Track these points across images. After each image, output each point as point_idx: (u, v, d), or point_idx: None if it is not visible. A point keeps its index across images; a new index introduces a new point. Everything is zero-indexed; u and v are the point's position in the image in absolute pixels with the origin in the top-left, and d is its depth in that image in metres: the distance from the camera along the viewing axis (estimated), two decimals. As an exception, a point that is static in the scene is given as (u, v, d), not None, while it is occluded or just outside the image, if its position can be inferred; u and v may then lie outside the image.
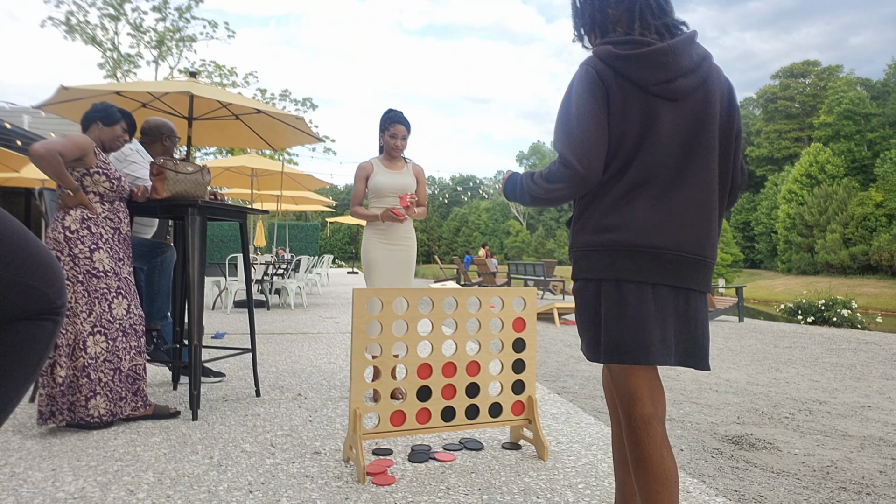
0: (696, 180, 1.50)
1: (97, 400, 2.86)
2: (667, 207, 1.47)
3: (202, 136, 6.04)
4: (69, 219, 2.92)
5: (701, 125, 1.49)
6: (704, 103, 1.50)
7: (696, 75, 1.50)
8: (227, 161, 10.30)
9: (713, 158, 1.51)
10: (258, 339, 5.99)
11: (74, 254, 2.89)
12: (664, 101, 1.48)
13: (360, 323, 2.41)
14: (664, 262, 1.47)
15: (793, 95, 60.06)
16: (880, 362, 5.84)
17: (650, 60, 1.46)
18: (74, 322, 2.87)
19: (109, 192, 3.03)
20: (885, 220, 40.04)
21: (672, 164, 1.48)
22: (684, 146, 1.49)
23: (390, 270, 3.64)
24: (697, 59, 1.50)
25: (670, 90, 1.47)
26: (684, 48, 1.49)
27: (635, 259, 1.47)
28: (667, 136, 1.48)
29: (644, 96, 1.47)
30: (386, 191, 3.65)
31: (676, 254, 1.47)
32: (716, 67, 1.55)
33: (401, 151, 3.73)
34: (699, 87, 1.50)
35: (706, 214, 1.51)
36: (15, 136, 11.59)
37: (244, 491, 2.14)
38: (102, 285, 2.94)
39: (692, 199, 1.49)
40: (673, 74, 1.46)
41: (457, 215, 74.90)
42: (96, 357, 2.89)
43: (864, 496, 2.36)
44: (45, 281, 1.14)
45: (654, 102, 1.47)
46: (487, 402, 2.64)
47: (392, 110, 3.76)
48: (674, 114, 1.48)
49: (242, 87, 26.96)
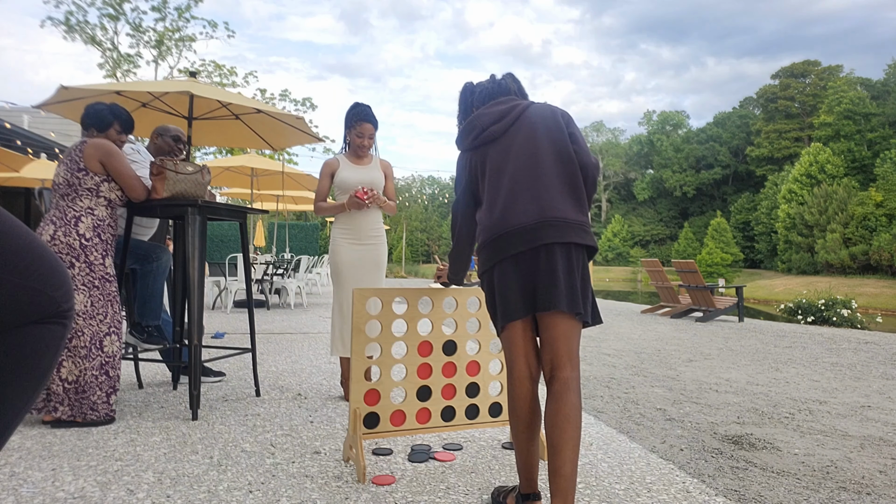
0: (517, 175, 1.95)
1: (116, 396, 3.00)
2: (500, 202, 1.94)
3: (202, 136, 6.03)
4: (83, 226, 2.97)
5: (522, 144, 1.98)
6: (518, 130, 2.01)
7: (503, 121, 2.02)
8: (227, 161, 10.29)
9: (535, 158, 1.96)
10: (258, 339, 5.99)
11: (90, 261, 2.98)
12: (484, 147, 2.03)
13: (361, 323, 2.41)
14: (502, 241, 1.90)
15: (793, 95, 60.02)
16: (880, 362, 5.83)
17: (464, 130, 2.08)
18: (91, 324, 2.96)
19: (119, 199, 3.14)
20: (885, 219, 40.04)
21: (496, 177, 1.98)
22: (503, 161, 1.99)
23: (359, 272, 3.54)
24: (505, 110, 2.03)
25: (487, 137, 2.02)
26: (487, 111, 2.04)
27: (487, 248, 1.93)
28: (493, 162, 2.01)
29: (472, 153, 2.06)
30: (352, 185, 3.53)
31: (507, 230, 1.88)
32: (534, 107, 2.06)
33: (367, 151, 3.59)
34: (511, 125, 2.02)
35: (533, 192, 1.91)
36: (15, 136, 11.59)
37: (244, 491, 2.14)
38: (113, 289, 3.07)
39: (514, 188, 1.93)
40: (480, 129, 2.03)
41: (457, 215, 74.79)
42: (112, 356, 3.01)
43: (864, 496, 2.36)
44: (52, 284, 1.13)
45: (479, 152, 2.04)
46: (487, 402, 2.64)
47: (358, 105, 3.57)
48: (495, 151, 2.01)
49: (242, 87, 26.97)
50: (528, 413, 1.90)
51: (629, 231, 67.81)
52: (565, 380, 1.83)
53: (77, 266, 2.94)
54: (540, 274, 1.85)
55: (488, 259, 1.93)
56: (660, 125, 74.16)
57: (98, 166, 3.01)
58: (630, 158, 74.32)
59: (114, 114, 3.24)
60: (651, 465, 2.53)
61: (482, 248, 1.96)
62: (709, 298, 9.54)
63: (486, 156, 2.03)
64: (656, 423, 3.40)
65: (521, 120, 2.03)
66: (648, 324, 8.97)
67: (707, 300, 9.56)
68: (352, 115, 3.56)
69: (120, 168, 3.04)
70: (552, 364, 1.86)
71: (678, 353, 6.08)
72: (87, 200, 3.01)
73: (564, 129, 2.02)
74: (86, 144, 3.03)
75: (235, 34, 27.63)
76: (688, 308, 10.08)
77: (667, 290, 10.62)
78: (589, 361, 5.44)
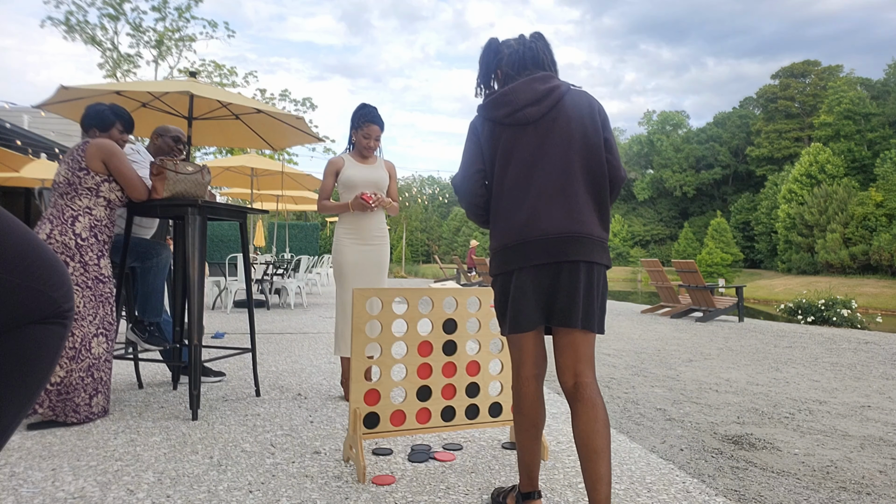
0: (548, 178, 1.83)
1: (98, 398, 2.98)
2: (527, 205, 1.83)
3: (202, 136, 6.03)
4: (79, 225, 2.97)
5: (548, 143, 1.85)
6: (553, 121, 1.86)
7: (542, 104, 1.86)
8: (227, 161, 10.29)
9: (568, 160, 1.84)
10: (258, 339, 5.99)
11: (85, 261, 2.97)
12: (516, 128, 1.88)
13: (361, 323, 2.41)
14: (525, 249, 1.81)
15: (793, 95, 60.02)
16: (880, 362, 5.83)
17: (496, 102, 1.90)
18: (81, 325, 2.94)
19: (118, 199, 3.14)
20: (885, 219, 40.04)
21: (526, 173, 1.85)
22: (535, 156, 1.85)
23: (363, 273, 3.54)
24: (544, 91, 1.87)
25: (518, 120, 1.87)
26: (525, 87, 1.87)
27: (507, 253, 1.85)
28: (524, 152, 1.86)
29: (503, 128, 1.89)
30: (358, 184, 3.53)
31: (531, 238, 1.80)
32: (572, 95, 1.90)
33: (373, 152, 3.61)
34: (546, 114, 1.87)
35: (562, 201, 1.82)
36: (15, 136, 11.58)
37: (244, 491, 2.14)
38: (106, 290, 3.05)
39: (543, 192, 1.82)
40: (519, 108, 1.86)
41: (457, 215, 74.84)
42: (99, 357, 2.98)
43: (864, 496, 2.36)
44: (52, 284, 1.13)
45: (510, 130, 1.88)
46: (487, 402, 2.64)
47: (366, 106, 3.58)
48: (524, 137, 1.87)
49: (242, 87, 26.97)
50: (534, 411, 1.90)
51: (629, 231, 67.82)
52: (589, 385, 1.83)
53: (71, 265, 2.93)
54: (560, 291, 1.80)
55: (505, 263, 1.86)
56: (660, 125, 74.17)
57: (100, 166, 3.02)
58: (630, 158, 74.31)
59: (115, 114, 3.25)
60: (651, 465, 2.53)
61: (501, 250, 1.88)
62: (709, 298, 9.54)
63: (515, 140, 1.88)
64: (656, 423, 3.40)
65: (559, 109, 1.88)
66: (648, 324, 8.97)
67: (707, 300, 9.56)
68: (359, 115, 3.56)
69: (122, 168, 3.05)
70: (574, 370, 1.86)
71: (678, 353, 6.08)
72: (86, 200, 3.01)
73: (601, 132, 1.90)
74: (88, 144, 3.03)
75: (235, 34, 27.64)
76: (688, 308, 10.08)
77: (667, 290, 10.62)
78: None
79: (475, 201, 1.97)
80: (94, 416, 2.96)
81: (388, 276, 3.76)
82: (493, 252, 1.93)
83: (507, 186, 1.87)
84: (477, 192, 1.96)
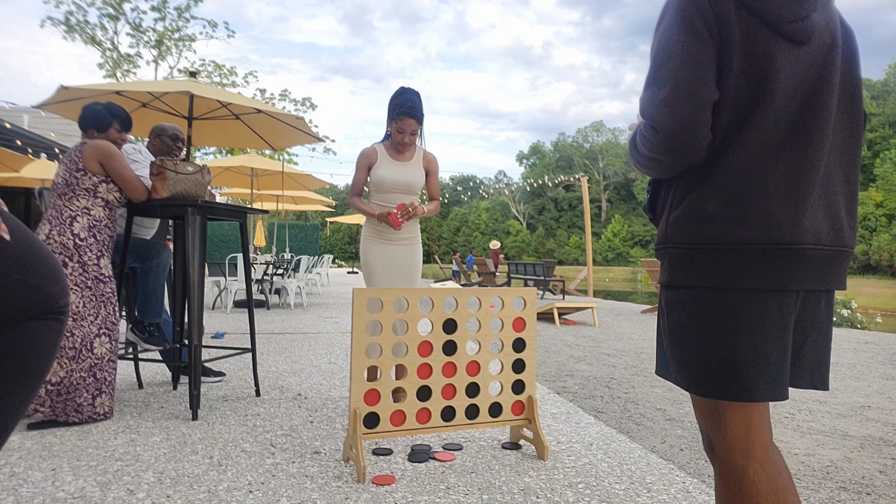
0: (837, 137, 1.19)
1: (102, 398, 2.97)
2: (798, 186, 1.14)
3: (202, 136, 6.03)
4: (77, 226, 2.96)
5: (825, 76, 1.16)
6: (829, 47, 1.17)
7: (826, 10, 1.17)
8: (227, 161, 10.30)
9: (831, 118, 1.17)
10: (258, 339, 5.99)
11: (84, 261, 2.96)
12: (788, 44, 1.13)
13: (361, 323, 2.41)
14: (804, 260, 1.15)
15: (793, 95, 59.98)
16: (880, 362, 5.83)
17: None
18: (82, 325, 2.93)
19: (117, 200, 3.14)
20: (885, 220, 40.05)
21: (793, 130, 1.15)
22: (804, 103, 1.15)
23: (391, 274, 3.25)
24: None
25: (802, 29, 1.12)
26: None
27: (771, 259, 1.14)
28: (789, 89, 1.14)
29: (770, 36, 1.12)
30: (388, 186, 3.22)
31: (804, 243, 1.15)
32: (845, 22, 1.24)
33: (407, 148, 3.27)
34: (827, 25, 1.16)
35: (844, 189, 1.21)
36: (15, 136, 11.58)
37: (244, 491, 2.14)
38: (108, 290, 3.04)
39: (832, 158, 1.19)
40: (807, 10, 1.13)
41: (457, 215, 74.92)
42: (101, 357, 2.98)
43: (864, 496, 2.36)
44: (49, 280, 1.14)
45: (777, 45, 1.13)
46: (487, 401, 2.64)
47: (404, 93, 3.15)
48: (795, 60, 1.14)
49: (242, 87, 26.97)
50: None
51: (629, 231, 67.84)
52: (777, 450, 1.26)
53: (70, 265, 2.92)
54: (815, 334, 1.22)
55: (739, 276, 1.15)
56: (660, 125, 74.00)
57: (97, 167, 3.01)
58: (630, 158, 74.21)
59: (112, 113, 3.24)
60: (651, 465, 2.53)
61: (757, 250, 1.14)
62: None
63: (774, 60, 1.12)
64: (656, 423, 3.40)
65: (833, 24, 1.19)
66: (648, 324, 8.97)
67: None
68: (394, 105, 3.16)
69: (119, 169, 3.04)
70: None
71: (678, 353, 6.08)
72: (84, 200, 3.01)
73: (858, 77, 1.24)
74: (86, 145, 3.03)
75: (235, 34, 27.66)
76: (688, 308, 10.07)
77: (667, 290, 10.62)
78: (589, 361, 5.45)
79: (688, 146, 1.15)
80: (99, 417, 2.94)
81: None
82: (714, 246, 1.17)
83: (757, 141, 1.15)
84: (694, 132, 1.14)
